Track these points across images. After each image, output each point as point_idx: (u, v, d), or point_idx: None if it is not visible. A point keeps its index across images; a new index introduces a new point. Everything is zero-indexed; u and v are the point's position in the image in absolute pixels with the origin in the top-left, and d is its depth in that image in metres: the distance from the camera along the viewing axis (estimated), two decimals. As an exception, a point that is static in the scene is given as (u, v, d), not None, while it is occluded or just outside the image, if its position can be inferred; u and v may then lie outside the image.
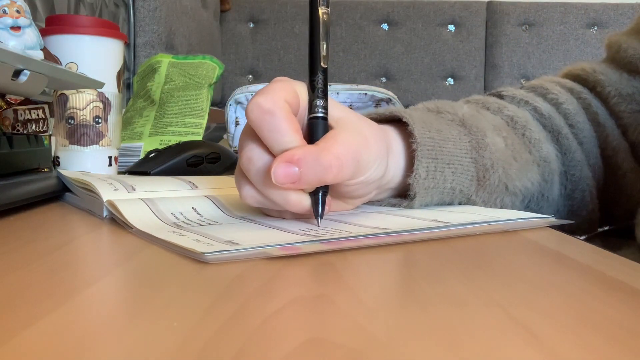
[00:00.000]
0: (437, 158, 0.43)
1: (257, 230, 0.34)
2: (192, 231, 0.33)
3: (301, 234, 0.32)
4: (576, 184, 0.54)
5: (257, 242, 0.30)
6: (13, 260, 0.27)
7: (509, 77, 2.36)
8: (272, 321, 0.20)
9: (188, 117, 0.79)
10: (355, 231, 0.33)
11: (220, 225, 0.36)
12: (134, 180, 0.45)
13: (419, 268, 0.28)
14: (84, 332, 0.18)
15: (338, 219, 0.38)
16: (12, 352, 0.16)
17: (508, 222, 0.38)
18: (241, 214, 0.40)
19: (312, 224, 0.36)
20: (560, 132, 0.54)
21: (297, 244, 0.30)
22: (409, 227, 0.34)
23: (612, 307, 0.23)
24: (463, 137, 0.45)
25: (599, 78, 0.58)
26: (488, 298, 0.23)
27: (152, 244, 0.31)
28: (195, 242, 0.30)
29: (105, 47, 0.58)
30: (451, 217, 0.39)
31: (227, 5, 2.34)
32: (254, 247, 0.28)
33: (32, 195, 0.42)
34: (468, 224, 0.37)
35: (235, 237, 0.31)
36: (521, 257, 0.31)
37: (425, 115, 0.46)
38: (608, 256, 0.32)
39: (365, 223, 0.36)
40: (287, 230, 0.34)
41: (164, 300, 0.22)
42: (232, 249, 0.28)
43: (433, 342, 0.18)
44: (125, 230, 0.35)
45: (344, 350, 0.17)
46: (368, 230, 0.34)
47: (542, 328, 0.20)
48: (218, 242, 0.30)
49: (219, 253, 0.27)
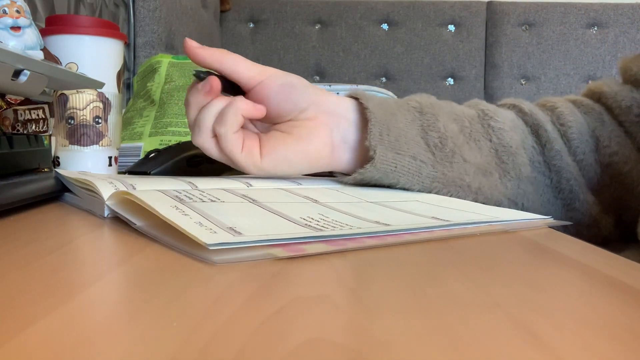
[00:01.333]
0: (389, 130, 0.52)
1: (258, 215, 0.34)
2: (195, 209, 0.33)
3: (302, 224, 0.32)
4: (559, 174, 0.57)
5: (260, 232, 0.30)
6: (13, 260, 0.27)
7: (509, 77, 2.36)
8: (272, 321, 0.20)
9: (188, 117, 0.79)
10: (357, 225, 0.33)
11: (221, 204, 0.36)
12: (134, 179, 0.45)
13: (419, 268, 0.28)
14: (84, 332, 0.18)
15: (336, 208, 0.38)
16: (12, 352, 0.16)
17: (507, 223, 0.38)
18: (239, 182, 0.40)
19: (310, 212, 0.36)
20: (540, 126, 0.58)
21: (301, 245, 0.29)
22: (409, 225, 0.34)
23: (612, 307, 0.23)
24: (415, 119, 0.54)
25: (603, 90, 0.61)
26: (488, 298, 0.23)
27: (153, 242, 0.31)
28: (198, 225, 0.29)
29: (105, 47, 0.58)
30: (451, 215, 0.39)
31: (227, 5, 2.34)
32: (257, 242, 0.28)
33: (32, 195, 0.42)
34: (468, 224, 0.37)
35: (238, 224, 0.31)
36: (521, 257, 0.31)
37: (387, 102, 0.54)
38: (608, 256, 0.32)
39: (365, 216, 0.36)
40: (288, 218, 0.34)
41: (164, 300, 0.22)
42: (235, 241, 0.28)
43: (433, 342, 0.18)
44: (125, 230, 0.35)
45: (344, 350, 0.17)
46: (369, 225, 0.34)
47: (542, 328, 0.20)
48: (221, 229, 0.29)
49: (221, 245, 0.27)
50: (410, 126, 0.53)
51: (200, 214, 0.32)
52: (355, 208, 0.39)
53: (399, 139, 0.51)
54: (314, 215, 0.35)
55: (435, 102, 0.57)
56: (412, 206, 0.43)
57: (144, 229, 0.33)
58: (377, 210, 0.39)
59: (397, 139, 0.51)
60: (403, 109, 0.54)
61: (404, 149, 0.51)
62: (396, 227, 0.34)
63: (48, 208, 0.43)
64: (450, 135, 0.54)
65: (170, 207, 0.33)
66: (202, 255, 0.27)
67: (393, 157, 0.51)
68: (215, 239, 0.27)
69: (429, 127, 0.53)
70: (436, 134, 0.53)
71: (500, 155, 0.56)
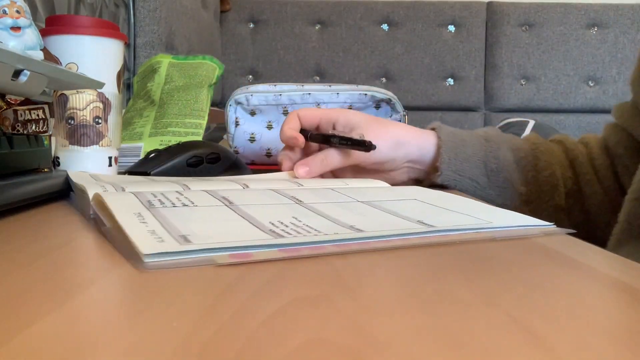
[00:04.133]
0: (457, 155, 0.62)
1: (224, 220, 0.34)
2: (158, 215, 0.33)
3: (266, 230, 0.32)
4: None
5: (214, 239, 0.29)
6: (13, 260, 0.27)
7: (509, 78, 2.36)
8: (272, 321, 0.20)
9: (188, 118, 0.79)
10: (328, 230, 0.33)
11: (193, 209, 0.36)
12: (126, 182, 0.45)
13: (419, 268, 0.28)
14: (84, 332, 0.18)
15: (317, 210, 0.38)
16: (12, 352, 0.16)
17: (496, 230, 0.36)
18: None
19: (283, 216, 0.36)
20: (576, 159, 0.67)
21: (249, 251, 0.29)
22: (382, 232, 0.33)
23: (612, 306, 0.23)
24: (482, 145, 0.63)
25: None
26: (488, 298, 0.23)
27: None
28: (149, 234, 0.29)
29: (105, 47, 0.58)
30: (439, 219, 0.38)
31: (227, 5, 2.34)
32: (201, 250, 0.28)
33: (32, 195, 0.42)
34: (453, 230, 0.35)
35: (194, 230, 0.31)
36: (520, 257, 0.31)
37: (459, 132, 0.65)
38: (608, 256, 0.32)
39: (345, 219, 0.36)
40: (255, 222, 0.34)
41: (164, 300, 0.22)
42: (176, 250, 0.27)
43: (433, 342, 0.18)
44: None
45: (344, 350, 0.17)
46: (343, 230, 0.33)
47: (542, 328, 0.20)
48: (172, 237, 0.29)
49: (158, 257, 0.26)
50: (476, 152, 0.63)
51: (161, 220, 0.32)
52: (339, 210, 0.39)
53: (464, 163, 0.62)
54: (285, 219, 0.35)
55: (500, 134, 0.67)
56: (404, 206, 0.42)
57: (110, 231, 0.33)
58: (362, 212, 0.39)
59: (462, 163, 0.62)
60: (472, 137, 0.64)
61: (466, 172, 0.62)
62: (369, 234, 0.33)
63: (48, 208, 0.43)
64: (506, 164, 0.63)
65: (132, 214, 0.33)
66: (139, 260, 0.27)
67: (454, 177, 0.62)
68: (155, 249, 0.27)
69: (491, 154, 0.63)
70: (495, 161, 0.63)
71: (541, 186, 0.63)
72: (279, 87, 0.93)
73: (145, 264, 0.26)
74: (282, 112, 0.92)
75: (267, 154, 0.91)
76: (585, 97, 2.35)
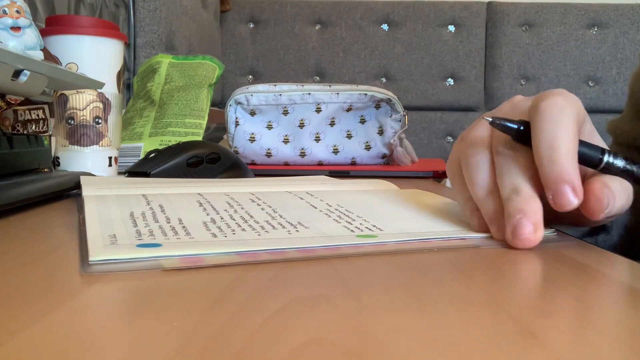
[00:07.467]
0: None
1: (187, 225, 0.34)
2: (133, 218, 0.35)
3: (217, 231, 0.33)
4: None
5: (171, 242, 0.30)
6: (13, 260, 0.27)
7: (509, 78, 2.36)
8: (272, 321, 0.20)
9: (188, 118, 0.79)
10: (281, 236, 0.32)
11: (161, 214, 0.36)
12: (129, 184, 0.46)
13: (420, 268, 0.28)
14: (84, 332, 0.18)
15: (286, 213, 0.38)
16: (12, 352, 0.16)
17: (443, 240, 0.34)
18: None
19: (234, 221, 0.36)
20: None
21: (201, 255, 0.28)
22: (332, 237, 0.33)
23: (612, 306, 0.23)
24: None
25: None
26: (488, 298, 0.23)
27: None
28: (108, 237, 0.30)
29: (105, 47, 0.58)
30: (394, 225, 0.36)
31: (227, 5, 2.34)
32: (144, 258, 0.27)
33: (32, 195, 0.42)
34: (401, 240, 0.33)
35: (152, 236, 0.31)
36: (520, 257, 0.31)
37: None
38: (608, 256, 0.32)
39: (288, 223, 0.36)
40: (208, 228, 0.33)
41: (164, 300, 0.22)
42: (121, 258, 0.27)
43: (433, 342, 0.18)
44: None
45: (344, 350, 0.17)
46: (301, 237, 0.32)
47: (542, 328, 0.20)
48: (127, 242, 0.30)
49: (105, 261, 0.26)
50: None
51: (131, 223, 0.34)
52: (299, 213, 0.38)
53: None
54: (234, 224, 0.35)
55: None
56: (377, 212, 0.40)
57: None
58: (317, 217, 0.37)
59: None
60: None
61: None
62: (306, 245, 0.31)
63: (48, 208, 0.43)
64: None
65: (103, 217, 0.35)
66: (86, 264, 0.27)
67: None
68: (102, 255, 0.27)
69: None
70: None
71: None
72: (279, 87, 0.93)
73: (90, 267, 0.26)
74: (282, 112, 0.92)
75: (267, 154, 0.91)
76: (585, 97, 2.35)
